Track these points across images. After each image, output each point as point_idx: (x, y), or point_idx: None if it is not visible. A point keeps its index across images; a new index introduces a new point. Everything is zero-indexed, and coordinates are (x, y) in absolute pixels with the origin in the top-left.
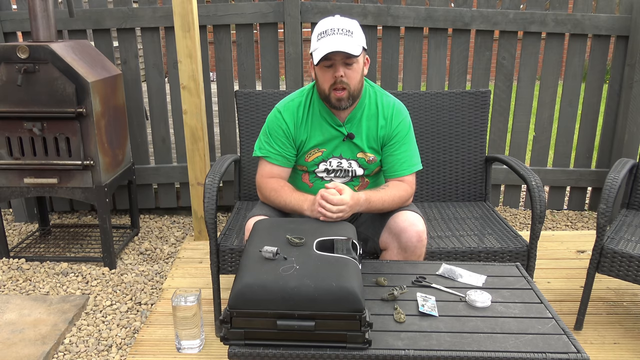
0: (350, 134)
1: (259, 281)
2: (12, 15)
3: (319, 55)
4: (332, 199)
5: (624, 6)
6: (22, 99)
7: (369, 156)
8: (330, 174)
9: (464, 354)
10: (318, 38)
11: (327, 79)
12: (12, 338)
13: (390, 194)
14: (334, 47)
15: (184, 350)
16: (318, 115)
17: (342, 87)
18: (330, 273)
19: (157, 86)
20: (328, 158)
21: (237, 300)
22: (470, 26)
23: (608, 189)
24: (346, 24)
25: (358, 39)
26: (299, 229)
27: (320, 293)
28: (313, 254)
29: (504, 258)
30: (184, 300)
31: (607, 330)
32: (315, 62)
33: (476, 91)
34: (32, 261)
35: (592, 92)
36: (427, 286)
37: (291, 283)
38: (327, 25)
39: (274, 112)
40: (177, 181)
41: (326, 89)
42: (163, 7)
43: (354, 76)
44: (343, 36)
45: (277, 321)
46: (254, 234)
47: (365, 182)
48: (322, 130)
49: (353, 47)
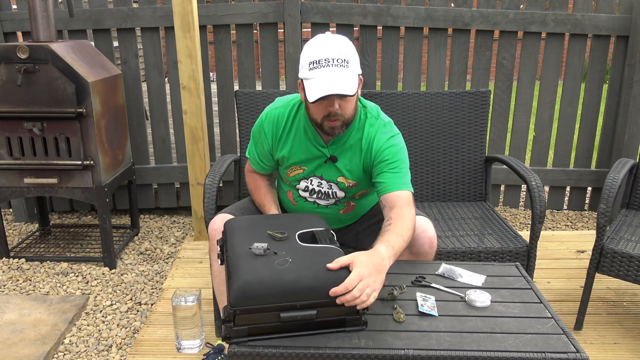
0: (332, 156)
1: (257, 277)
2: (12, 15)
3: (314, 94)
4: (340, 289)
5: (624, 6)
6: (22, 99)
7: (349, 182)
8: (313, 196)
9: (463, 354)
10: (310, 67)
11: (320, 110)
12: (12, 338)
13: (402, 224)
14: (331, 88)
15: (184, 350)
16: (302, 132)
17: (336, 119)
18: (324, 263)
19: (157, 86)
20: (309, 176)
21: (238, 298)
22: (470, 26)
23: (608, 189)
24: (341, 51)
25: (354, 68)
26: (276, 224)
27: (320, 282)
28: (299, 247)
29: (504, 258)
30: (184, 300)
31: (607, 330)
32: (309, 100)
33: (476, 91)
34: (32, 261)
35: (592, 92)
36: (427, 286)
37: (290, 276)
38: (321, 54)
39: (260, 118)
40: (177, 181)
41: (318, 119)
42: (163, 7)
43: (349, 106)
44: (339, 68)
45: (281, 314)
46: (232, 233)
47: (350, 205)
48: (304, 149)
49: (349, 84)
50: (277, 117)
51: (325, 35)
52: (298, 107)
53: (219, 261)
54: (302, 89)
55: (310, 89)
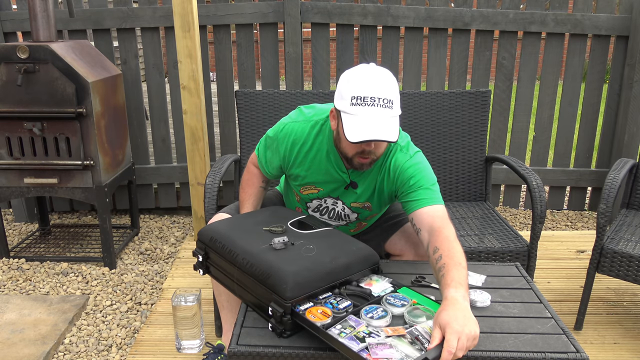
0: (353, 182)
1: (301, 267)
2: (12, 15)
3: (356, 136)
4: (445, 356)
5: (624, 6)
6: (22, 99)
7: (365, 204)
8: (324, 216)
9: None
10: (353, 102)
11: (355, 148)
12: (12, 338)
13: (454, 251)
14: (375, 133)
15: (184, 350)
16: (324, 155)
17: (369, 157)
18: (340, 242)
19: (157, 86)
20: (323, 197)
21: (294, 290)
22: (470, 26)
23: (608, 189)
24: (387, 89)
25: (397, 109)
26: (260, 220)
27: (351, 259)
28: (304, 235)
29: (504, 258)
30: (184, 300)
31: (607, 330)
32: (350, 140)
33: (476, 91)
34: (32, 261)
35: (592, 92)
36: (427, 286)
37: (325, 259)
38: (367, 90)
39: (278, 126)
40: (177, 181)
41: (349, 154)
42: (163, 7)
43: (385, 146)
44: (384, 109)
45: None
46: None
47: (362, 225)
48: (324, 171)
49: (393, 128)
50: (296, 134)
51: (371, 67)
52: (321, 127)
53: (200, 271)
54: (337, 119)
55: (352, 127)
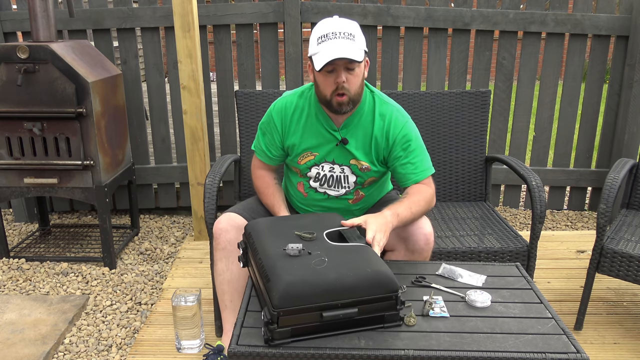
0: (344, 139)
1: (299, 278)
2: (12, 15)
3: (322, 61)
4: None
5: (624, 6)
6: (22, 99)
7: (362, 164)
8: (324, 185)
9: (463, 354)
10: (319, 42)
11: (329, 84)
12: (12, 338)
13: (415, 199)
14: (337, 53)
15: (184, 350)
16: (314, 118)
17: (343, 93)
18: (359, 261)
19: (157, 86)
20: (320, 162)
21: (283, 299)
22: (470, 26)
23: (608, 189)
24: (347, 26)
25: (360, 42)
26: (299, 224)
27: (360, 280)
28: (331, 246)
29: (504, 258)
30: (184, 300)
31: (607, 330)
32: (317, 68)
33: (476, 91)
34: (32, 261)
35: (592, 92)
36: (427, 286)
37: (330, 275)
38: (328, 28)
39: (268, 111)
40: (177, 181)
41: (328, 94)
42: (163, 7)
43: (355, 81)
44: (345, 40)
45: (323, 313)
46: (259, 235)
47: (359, 195)
48: (316, 134)
49: (355, 52)
50: (285, 105)
51: (333, 17)
52: (309, 96)
53: (241, 263)
54: (312, 69)
55: (318, 59)
